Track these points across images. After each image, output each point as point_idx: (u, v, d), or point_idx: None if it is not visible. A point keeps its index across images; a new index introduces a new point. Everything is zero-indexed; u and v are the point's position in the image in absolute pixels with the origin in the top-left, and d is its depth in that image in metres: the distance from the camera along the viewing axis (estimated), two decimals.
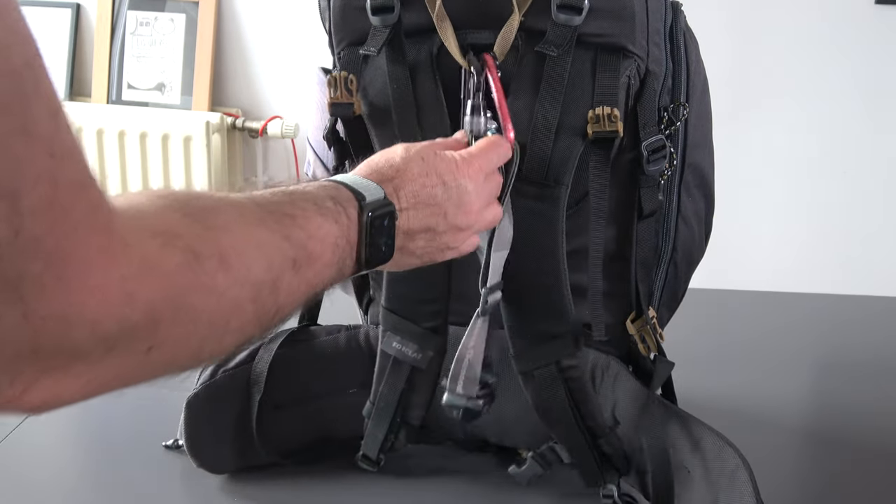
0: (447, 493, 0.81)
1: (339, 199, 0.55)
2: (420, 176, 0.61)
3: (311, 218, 0.52)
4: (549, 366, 0.74)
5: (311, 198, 0.54)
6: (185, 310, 0.41)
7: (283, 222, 0.50)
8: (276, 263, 0.48)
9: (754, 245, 2.27)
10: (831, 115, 2.17)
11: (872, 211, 2.23)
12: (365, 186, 0.57)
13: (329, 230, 0.53)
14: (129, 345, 0.39)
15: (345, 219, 0.54)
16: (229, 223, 0.46)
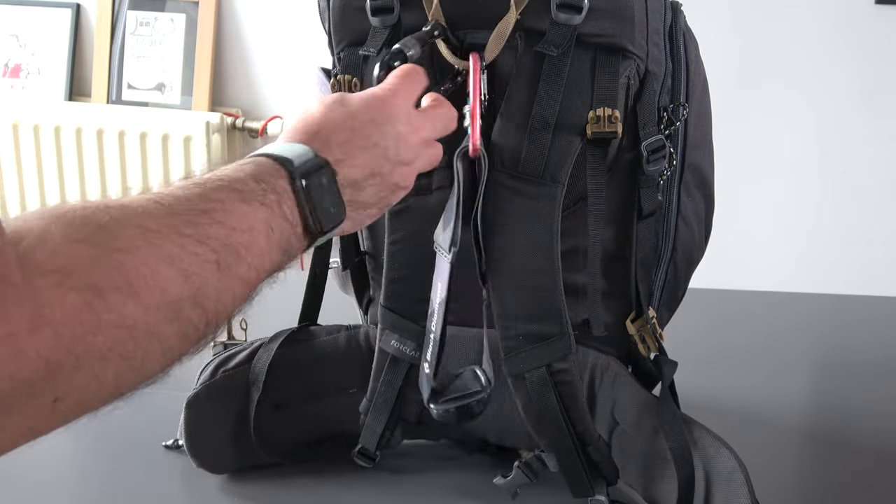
0: (447, 493, 0.81)
1: (261, 176, 0.50)
2: (346, 120, 0.56)
3: (231, 208, 0.47)
4: (539, 369, 0.73)
5: (228, 184, 0.48)
6: (89, 353, 0.37)
7: (196, 223, 0.45)
8: (194, 273, 0.43)
9: (754, 245, 2.27)
10: (831, 115, 2.17)
11: (872, 211, 2.23)
12: (288, 150, 0.52)
13: (256, 216, 0.48)
14: (28, 402, 0.36)
15: (272, 196, 0.49)
16: (133, 241, 0.41)
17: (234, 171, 0.50)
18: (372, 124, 0.57)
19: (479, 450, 0.87)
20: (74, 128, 2.22)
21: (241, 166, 0.50)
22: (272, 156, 0.51)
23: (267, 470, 0.83)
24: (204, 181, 0.48)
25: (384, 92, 0.60)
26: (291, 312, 0.87)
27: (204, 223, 0.45)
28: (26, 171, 2.29)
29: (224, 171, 0.50)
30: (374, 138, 0.57)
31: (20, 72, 2.33)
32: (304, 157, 0.52)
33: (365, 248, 0.84)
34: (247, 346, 0.84)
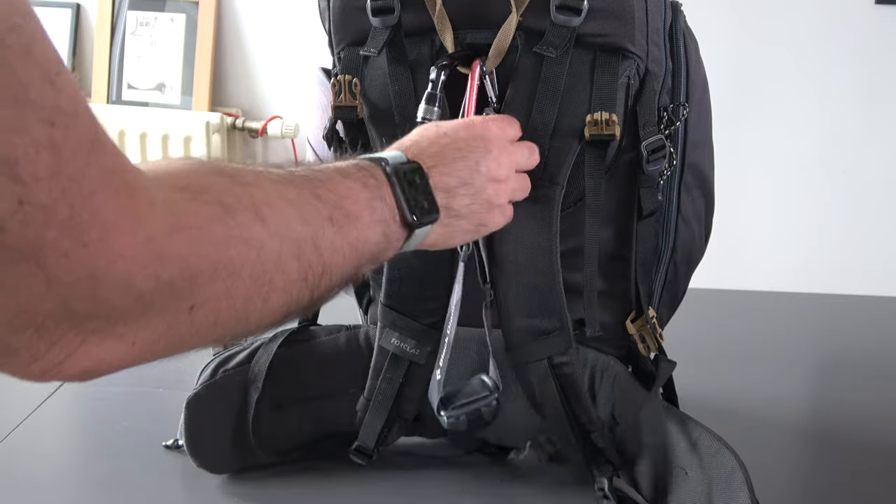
0: (447, 492, 0.81)
1: (362, 166, 0.55)
2: (439, 136, 0.61)
3: (338, 181, 0.51)
4: (541, 361, 0.74)
5: (334, 167, 0.53)
6: (223, 264, 0.40)
7: (310, 184, 0.49)
8: (312, 219, 0.47)
9: (754, 245, 2.27)
10: (831, 115, 2.17)
11: (872, 211, 2.23)
12: (384, 154, 0.57)
13: (360, 192, 0.52)
14: (168, 303, 0.39)
15: (372, 180, 0.54)
16: (258, 181, 0.45)
17: (336, 163, 0.55)
18: (464, 139, 0.62)
19: (479, 449, 0.87)
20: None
21: (342, 160, 0.55)
22: (367, 157, 0.56)
23: (267, 470, 0.83)
24: (311, 164, 0.54)
25: (479, 118, 0.65)
26: None
27: (317, 185, 0.49)
28: None
29: (330, 162, 0.55)
30: (465, 150, 0.61)
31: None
32: (397, 158, 0.57)
33: None
34: (247, 347, 0.84)
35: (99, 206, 0.35)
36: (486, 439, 0.85)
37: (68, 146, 0.34)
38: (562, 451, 0.78)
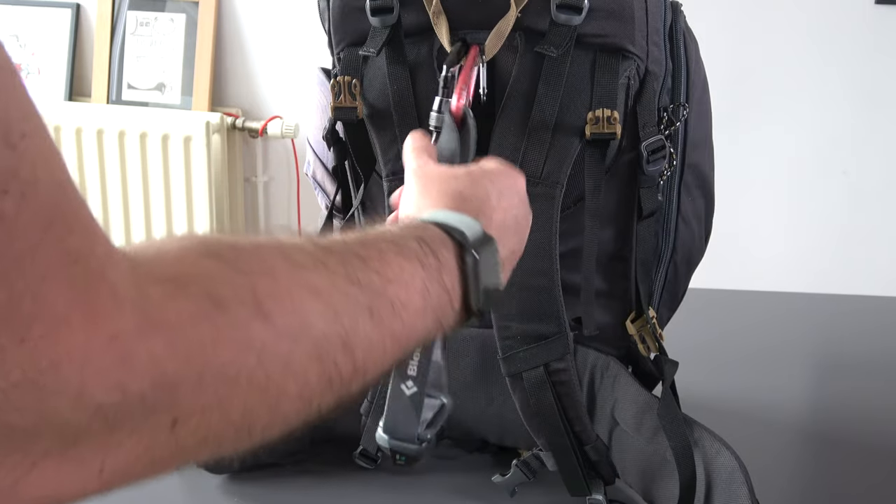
0: (447, 492, 0.81)
1: (426, 239, 0.46)
2: (500, 199, 0.55)
3: (389, 259, 0.43)
4: (537, 368, 0.73)
5: (390, 237, 0.45)
6: (211, 370, 0.33)
7: (350, 264, 0.41)
8: (345, 312, 0.39)
9: (754, 245, 2.27)
10: (831, 115, 2.17)
11: (873, 211, 2.23)
12: (459, 221, 0.49)
13: (414, 273, 0.44)
14: (143, 419, 0.32)
15: (433, 260, 0.46)
16: (273, 266, 0.38)
17: (397, 228, 0.47)
18: (519, 205, 0.58)
19: (479, 450, 0.87)
20: (74, 128, 2.22)
21: (405, 226, 0.48)
22: (441, 224, 0.49)
23: (267, 470, 0.83)
24: (364, 232, 0.45)
25: (512, 168, 0.60)
26: None
27: (358, 266, 0.41)
28: None
29: (385, 228, 0.47)
30: (520, 219, 0.58)
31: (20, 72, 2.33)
32: (474, 230, 0.49)
33: None
34: None
35: (47, 295, 0.29)
36: (486, 439, 0.85)
37: (20, 219, 0.28)
38: (549, 467, 0.77)
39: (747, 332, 1.19)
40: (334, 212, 0.85)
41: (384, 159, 0.74)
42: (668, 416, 0.73)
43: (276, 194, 2.38)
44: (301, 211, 2.34)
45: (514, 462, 0.78)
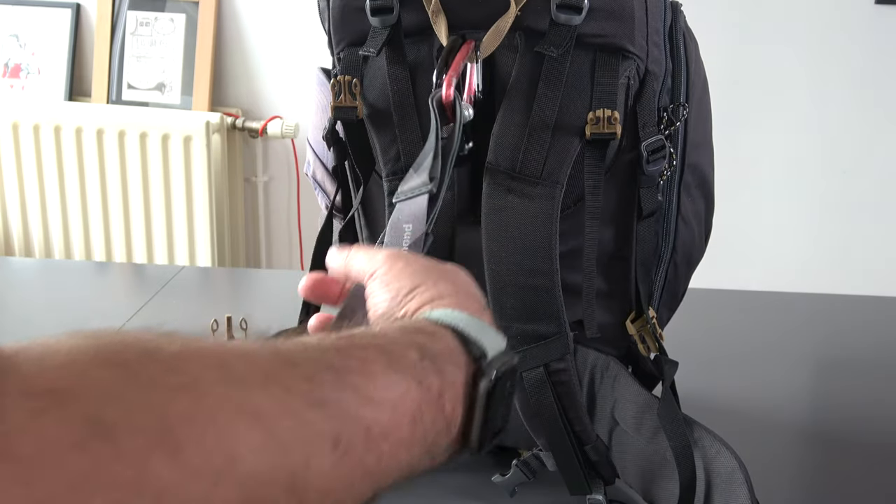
0: (447, 493, 0.81)
1: (430, 350, 0.38)
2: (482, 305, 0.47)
3: (375, 373, 0.35)
4: (537, 368, 0.73)
5: (381, 342, 0.37)
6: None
7: (318, 379, 0.33)
8: (297, 443, 0.31)
9: (754, 245, 2.27)
10: (831, 114, 2.17)
11: (872, 211, 2.23)
12: (479, 329, 0.40)
13: (406, 394, 0.36)
14: None
15: (434, 380, 0.37)
16: (197, 380, 0.29)
17: (392, 330, 0.39)
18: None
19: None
20: (74, 128, 2.22)
21: (404, 329, 0.39)
22: (454, 329, 0.40)
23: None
24: (349, 334, 0.37)
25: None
26: (291, 312, 0.87)
27: (329, 382, 0.33)
28: (26, 171, 2.29)
29: (378, 329, 0.39)
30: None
31: (20, 72, 2.33)
32: (496, 346, 0.40)
33: None
34: None
35: None
36: None
37: None
38: (549, 467, 0.77)
39: (747, 332, 1.19)
40: (334, 212, 0.85)
41: (384, 159, 0.74)
42: (668, 416, 0.73)
43: (276, 194, 2.38)
44: (301, 211, 2.34)
45: (514, 462, 0.78)
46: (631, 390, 0.77)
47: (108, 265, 1.94)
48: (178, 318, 1.20)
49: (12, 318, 1.20)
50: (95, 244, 2.31)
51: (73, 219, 2.30)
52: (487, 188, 0.71)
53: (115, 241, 2.30)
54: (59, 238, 2.33)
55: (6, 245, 2.37)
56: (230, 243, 2.35)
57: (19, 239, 2.35)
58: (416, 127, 0.73)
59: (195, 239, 2.26)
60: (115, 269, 1.66)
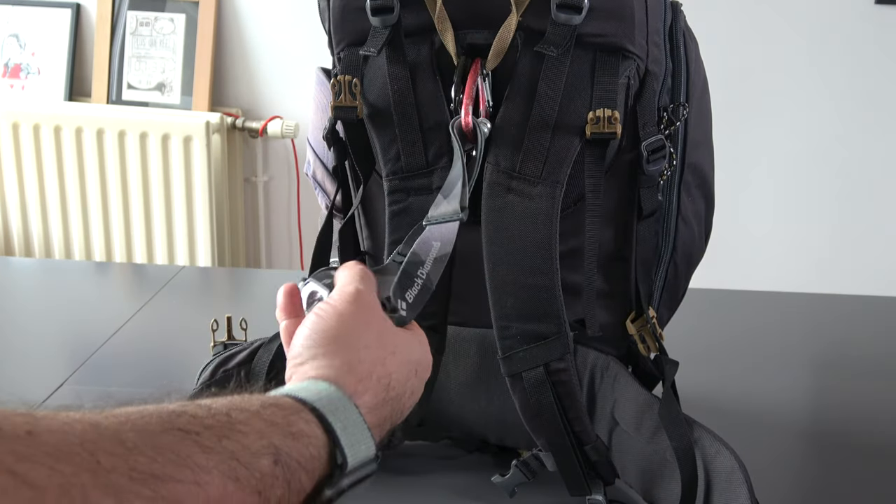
0: (448, 492, 0.81)
1: (289, 460, 0.37)
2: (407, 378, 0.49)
3: (205, 483, 0.33)
4: (537, 368, 0.73)
5: (235, 446, 0.35)
6: None
7: (126, 491, 0.30)
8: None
9: (754, 245, 2.27)
10: (831, 114, 2.17)
11: (872, 211, 2.23)
12: (357, 434, 0.41)
13: (235, 503, 0.34)
14: None
15: (279, 490, 0.37)
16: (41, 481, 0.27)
17: (267, 419, 0.38)
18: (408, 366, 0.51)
19: (480, 450, 0.87)
20: (74, 128, 2.22)
21: (286, 412, 0.39)
22: (332, 433, 0.40)
23: None
24: (209, 423, 0.36)
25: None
26: None
27: (137, 495, 0.30)
28: (26, 171, 2.29)
29: (258, 412, 0.38)
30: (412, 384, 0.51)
31: (20, 72, 2.33)
32: (363, 458, 0.41)
33: (365, 249, 0.84)
34: (247, 346, 0.84)
35: None
36: (486, 439, 0.85)
37: None
38: (548, 467, 0.77)
39: (747, 332, 1.19)
40: (334, 212, 0.85)
41: (384, 159, 0.74)
42: (668, 416, 0.73)
43: (276, 194, 2.38)
44: (301, 211, 2.34)
45: (513, 462, 0.78)
46: (631, 390, 0.77)
47: (108, 265, 1.94)
48: (178, 318, 1.20)
49: (12, 318, 1.20)
50: (95, 244, 2.32)
51: (73, 219, 2.30)
52: (487, 188, 0.71)
53: (115, 241, 2.30)
54: (59, 238, 2.33)
55: (6, 245, 2.37)
56: (230, 243, 2.35)
57: (19, 239, 2.35)
58: (416, 127, 0.73)
59: (195, 239, 2.27)
60: (115, 269, 1.66)
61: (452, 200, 0.68)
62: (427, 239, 0.66)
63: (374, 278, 0.57)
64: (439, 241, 0.66)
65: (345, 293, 0.51)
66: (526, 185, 0.71)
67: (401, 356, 0.49)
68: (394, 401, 0.47)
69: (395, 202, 0.74)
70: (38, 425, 0.29)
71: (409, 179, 0.74)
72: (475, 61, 0.71)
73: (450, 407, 0.83)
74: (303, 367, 0.45)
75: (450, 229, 0.67)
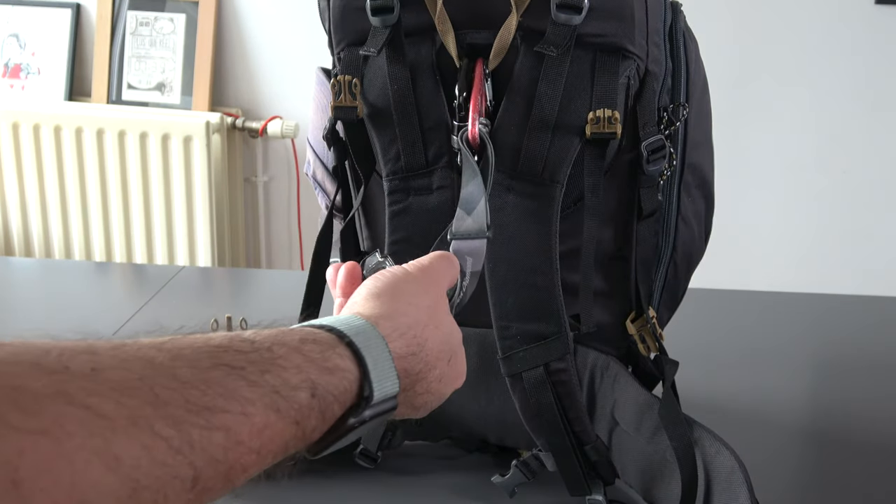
0: (448, 493, 0.81)
1: (325, 394, 0.40)
2: (440, 357, 0.50)
3: (252, 414, 0.36)
4: (537, 368, 0.73)
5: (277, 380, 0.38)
6: None
7: (184, 423, 0.33)
8: (152, 489, 0.31)
9: (754, 245, 2.27)
10: (831, 114, 2.17)
11: (872, 211, 2.23)
12: (385, 370, 0.44)
13: (277, 434, 0.38)
14: None
15: (314, 421, 0.40)
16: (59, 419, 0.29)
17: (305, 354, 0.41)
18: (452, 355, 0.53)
19: (480, 450, 0.87)
20: (74, 128, 2.22)
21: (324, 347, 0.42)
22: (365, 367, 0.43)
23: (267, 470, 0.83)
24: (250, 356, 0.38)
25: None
26: (291, 312, 0.87)
27: (199, 424, 0.34)
28: (26, 171, 2.29)
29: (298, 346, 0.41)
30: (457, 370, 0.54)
31: (20, 72, 2.33)
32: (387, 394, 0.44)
33: (365, 249, 0.84)
34: None
35: None
36: (486, 439, 0.85)
37: None
38: (548, 467, 0.77)
39: (747, 332, 1.19)
40: (334, 212, 0.85)
41: (384, 159, 0.74)
42: (669, 415, 0.73)
43: (276, 194, 2.38)
44: (301, 211, 2.34)
45: (513, 462, 0.78)
46: (631, 390, 0.77)
47: (108, 265, 1.94)
48: (178, 318, 1.20)
49: (12, 318, 1.20)
50: (95, 244, 2.32)
51: (73, 219, 2.30)
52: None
53: (115, 241, 2.30)
54: (59, 238, 2.33)
55: (6, 245, 2.37)
56: (230, 243, 2.35)
57: (19, 239, 2.35)
58: (416, 127, 0.73)
59: (195, 239, 2.26)
60: (115, 269, 1.66)
61: (477, 218, 0.67)
62: (458, 253, 0.67)
63: (456, 265, 0.59)
64: (471, 257, 0.67)
65: (418, 262, 0.54)
66: (526, 185, 0.71)
67: (442, 334, 0.51)
68: (422, 363, 0.48)
69: (395, 202, 0.74)
70: (100, 363, 0.32)
71: (409, 179, 0.74)
72: (477, 64, 0.71)
73: (450, 407, 0.83)
74: (353, 305, 0.49)
75: (478, 247, 0.67)
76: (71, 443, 0.29)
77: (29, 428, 0.28)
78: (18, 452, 0.28)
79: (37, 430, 0.28)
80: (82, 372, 0.31)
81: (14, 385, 0.29)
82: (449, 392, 0.54)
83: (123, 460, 0.30)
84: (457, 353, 0.54)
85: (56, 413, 0.29)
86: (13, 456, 0.27)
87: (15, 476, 0.27)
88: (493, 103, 0.72)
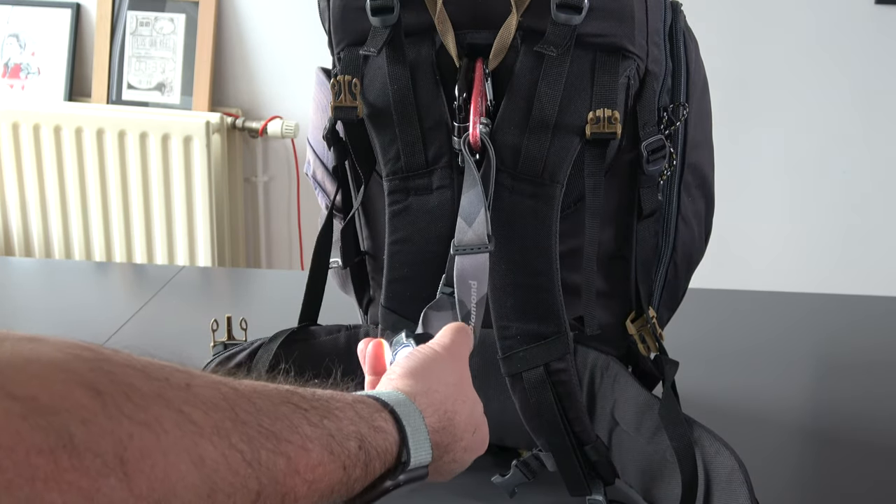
0: (447, 493, 0.81)
1: (371, 449, 0.45)
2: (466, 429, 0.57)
3: (310, 450, 0.41)
4: (537, 368, 0.73)
5: (333, 426, 0.44)
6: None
7: (256, 441, 0.38)
8: (224, 491, 0.36)
9: (754, 245, 2.27)
10: (831, 115, 2.17)
11: (872, 211, 2.23)
12: (421, 440, 0.49)
13: (328, 475, 0.43)
14: None
15: (358, 471, 0.45)
16: (158, 418, 0.34)
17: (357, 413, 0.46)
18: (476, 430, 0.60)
19: None
20: (74, 128, 2.22)
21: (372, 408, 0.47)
22: (405, 435, 0.48)
23: None
24: (314, 403, 0.44)
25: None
26: (291, 312, 0.87)
27: (268, 446, 0.39)
28: (26, 171, 2.29)
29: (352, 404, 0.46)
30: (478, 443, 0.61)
31: (20, 72, 2.33)
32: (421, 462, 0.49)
33: (365, 248, 0.84)
34: (247, 346, 0.84)
35: None
36: None
37: None
38: (549, 467, 0.77)
39: (747, 332, 1.19)
40: (334, 212, 0.85)
41: (384, 159, 0.74)
42: (669, 415, 0.73)
43: (276, 194, 2.38)
44: (301, 211, 2.34)
45: (513, 462, 0.78)
46: (631, 390, 0.77)
47: (108, 265, 1.94)
48: (178, 318, 1.20)
49: (12, 318, 1.20)
50: (95, 244, 2.32)
51: (72, 219, 2.30)
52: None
53: (115, 241, 2.30)
54: (59, 238, 2.33)
55: (6, 245, 2.37)
56: (230, 243, 2.35)
57: (19, 239, 2.35)
58: (416, 127, 0.73)
59: (195, 239, 2.27)
60: (115, 269, 1.66)
61: (477, 228, 0.69)
62: (463, 277, 0.69)
63: (471, 334, 0.63)
64: (475, 280, 0.69)
65: (442, 341, 0.60)
66: (526, 185, 0.71)
67: (468, 407, 0.57)
68: (451, 436, 0.54)
69: (395, 202, 0.74)
70: (193, 381, 0.38)
71: (409, 179, 0.74)
72: (478, 65, 0.71)
73: None
74: (391, 382, 0.54)
75: (481, 263, 0.69)
76: (167, 438, 0.34)
77: (137, 419, 0.33)
78: (129, 435, 0.32)
79: (142, 422, 0.33)
80: (179, 384, 0.37)
81: (128, 383, 0.34)
82: (472, 460, 0.60)
83: (206, 462, 0.35)
84: (480, 425, 0.60)
85: (157, 412, 0.34)
86: (124, 437, 0.32)
87: (123, 454, 0.32)
88: (493, 103, 0.72)
